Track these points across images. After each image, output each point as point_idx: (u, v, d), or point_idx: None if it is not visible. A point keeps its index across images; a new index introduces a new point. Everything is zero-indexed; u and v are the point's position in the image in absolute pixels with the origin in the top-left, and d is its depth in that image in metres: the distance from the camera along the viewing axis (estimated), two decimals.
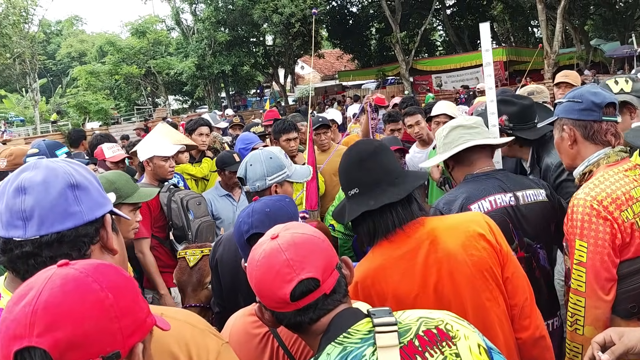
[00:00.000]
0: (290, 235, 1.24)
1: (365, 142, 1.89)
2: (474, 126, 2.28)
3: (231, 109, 26.98)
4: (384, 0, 28.25)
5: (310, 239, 1.24)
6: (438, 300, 1.67)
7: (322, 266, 1.20)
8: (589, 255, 1.88)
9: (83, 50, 40.24)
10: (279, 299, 1.19)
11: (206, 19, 28.06)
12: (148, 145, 3.71)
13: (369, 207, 1.70)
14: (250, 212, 1.68)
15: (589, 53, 27.56)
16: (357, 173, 1.78)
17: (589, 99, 2.09)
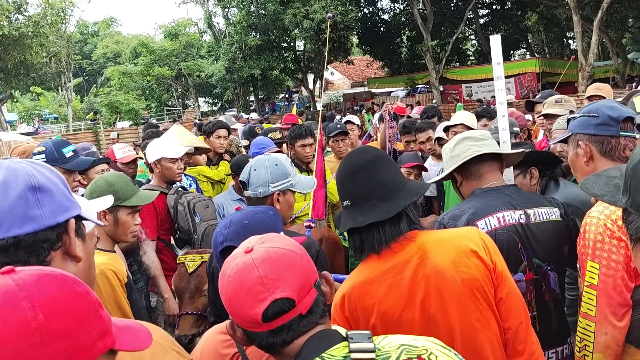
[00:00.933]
0: (266, 249, 1.15)
1: (361, 152, 1.79)
2: (482, 138, 2.17)
3: (259, 113, 27.20)
4: (415, 8, 28.07)
5: (287, 253, 1.15)
6: (425, 318, 1.58)
7: (299, 284, 1.12)
8: (600, 278, 1.75)
9: (118, 51, 41.02)
10: (250, 318, 1.11)
11: (238, 23, 28.31)
12: (156, 147, 3.67)
13: (355, 224, 1.64)
14: (228, 223, 1.61)
15: (626, 66, 26.87)
16: (349, 185, 1.72)
17: (606, 113, 1.98)
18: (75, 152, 3.29)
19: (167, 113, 33.28)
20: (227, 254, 1.55)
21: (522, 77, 26.46)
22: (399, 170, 1.79)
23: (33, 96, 35.16)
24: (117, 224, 2.53)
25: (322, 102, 5.01)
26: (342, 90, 41.25)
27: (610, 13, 25.16)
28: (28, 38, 22.27)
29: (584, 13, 24.61)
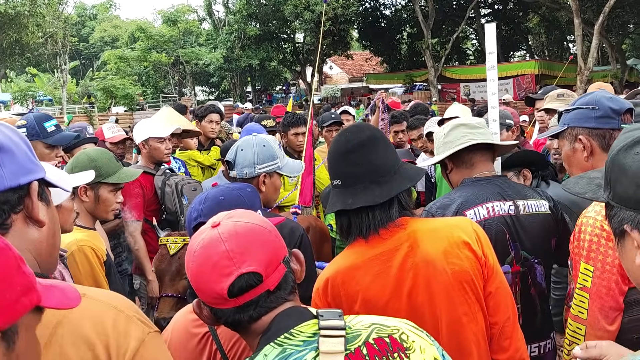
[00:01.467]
0: (233, 224, 1.11)
1: (357, 129, 1.69)
2: (477, 126, 2.11)
3: (256, 103, 27.05)
4: (417, 5, 27.97)
5: (255, 228, 1.11)
6: (411, 309, 1.52)
7: (267, 259, 1.09)
8: (594, 281, 1.68)
9: (116, 35, 40.72)
10: (216, 294, 1.07)
11: (238, 12, 28.14)
12: (144, 127, 3.62)
13: (344, 206, 1.57)
14: (203, 199, 1.55)
15: (625, 72, 26.89)
16: (341, 164, 1.64)
17: (606, 104, 1.89)
18: (57, 127, 3.20)
19: (163, 100, 33.05)
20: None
21: (520, 78, 26.46)
22: (395, 152, 1.71)
23: (28, 77, 34.88)
24: (98, 201, 2.48)
25: (314, 93, 4.91)
26: (340, 85, 41.14)
27: (611, 18, 25.16)
28: (24, 17, 22.06)
29: (585, 16, 24.59)
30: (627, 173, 1.03)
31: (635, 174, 1.01)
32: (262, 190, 2.31)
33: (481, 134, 2.11)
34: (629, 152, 1.04)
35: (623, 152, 1.05)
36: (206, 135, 4.98)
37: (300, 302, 1.19)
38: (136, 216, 3.52)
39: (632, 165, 1.02)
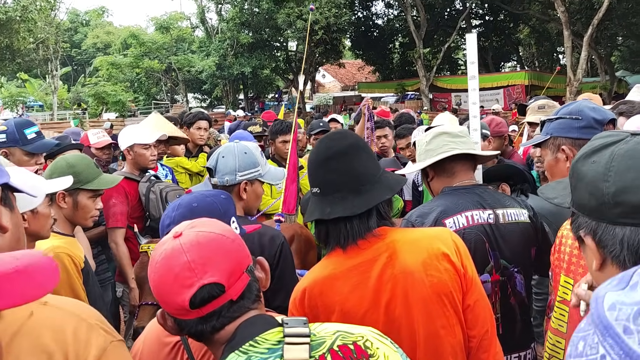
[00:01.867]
0: (195, 234, 1.10)
1: (339, 136, 1.65)
2: (460, 135, 2.10)
3: (248, 111, 27.03)
4: (409, 15, 28.17)
5: (217, 238, 1.11)
6: (389, 321, 1.49)
7: (229, 269, 1.08)
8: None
9: (109, 41, 40.60)
10: (178, 305, 1.06)
11: (230, 20, 28.18)
12: (129, 133, 3.58)
13: (322, 216, 1.54)
14: (176, 206, 1.53)
15: (614, 84, 27.16)
16: (321, 172, 1.60)
17: (590, 115, 1.87)
18: (38, 134, 3.16)
19: (155, 107, 32.98)
20: None
21: (511, 88, 26.68)
22: (376, 161, 1.68)
23: (19, 83, 34.69)
24: (77, 208, 2.44)
25: (306, 102, 4.90)
26: (333, 93, 41.24)
27: (600, 30, 25.46)
28: (16, 23, 21.96)
29: (574, 28, 24.86)
30: (583, 180, 1.04)
31: (589, 182, 1.02)
32: (243, 197, 2.29)
33: (463, 142, 2.09)
34: (587, 160, 1.05)
35: (582, 160, 1.06)
36: (194, 142, 4.95)
37: (265, 309, 1.18)
38: (120, 223, 3.49)
39: (587, 173, 1.03)
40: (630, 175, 0.96)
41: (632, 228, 0.96)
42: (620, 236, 0.97)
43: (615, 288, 0.64)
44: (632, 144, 1.00)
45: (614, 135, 1.05)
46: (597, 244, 1.02)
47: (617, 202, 0.97)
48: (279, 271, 2.12)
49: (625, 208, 0.96)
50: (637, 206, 0.95)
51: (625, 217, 0.96)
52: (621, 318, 0.59)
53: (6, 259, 0.83)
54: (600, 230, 1.01)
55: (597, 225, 1.02)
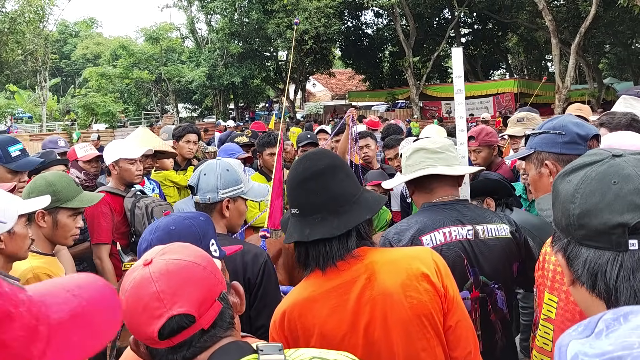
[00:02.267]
0: (165, 262, 1.08)
1: (316, 157, 1.63)
2: (438, 151, 2.07)
3: (238, 121, 26.99)
4: (399, 24, 28.31)
5: (187, 266, 1.08)
6: (368, 344, 1.46)
7: (199, 299, 1.07)
8: (558, 312, 1.62)
9: (98, 52, 40.49)
10: (147, 336, 1.04)
11: (220, 30, 28.19)
12: (114, 148, 3.55)
13: (301, 238, 1.52)
14: (154, 229, 1.49)
15: (601, 91, 27.41)
16: (299, 193, 1.58)
17: (573, 130, 1.85)
18: (22, 152, 3.12)
19: (146, 117, 32.89)
20: None
21: (500, 96, 26.82)
22: (355, 181, 1.66)
23: (7, 94, 34.47)
24: (57, 226, 2.40)
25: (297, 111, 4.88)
26: (323, 102, 41.33)
27: (587, 38, 25.71)
28: (4, 35, 21.86)
29: (562, 37, 25.10)
30: (558, 198, 1.05)
31: (562, 200, 1.03)
32: (226, 215, 2.26)
33: (441, 159, 2.07)
34: (564, 179, 1.05)
35: (561, 178, 1.07)
36: (183, 156, 4.93)
37: (241, 334, 1.17)
38: (105, 239, 3.45)
39: (562, 191, 1.04)
40: (595, 199, 0.97)
41: (595, 250, 0.97)
42: (584, 257, 0.99)
43: (580, 335, 0.63)
44: (605, 167, 1.00)
45: (597, 154, 1.05)
46: (567, 262, 1.03)
47: (581, 224, 0.99)
48: (262, 290, 2.09)
49: (588, 231, 0.97)
50: (599, 230, 0.96)
51: (589, 240, 0.98)
52: None
53: (60, 294, 0.65)
54: (570, 249, 1.03)
55: (567, 243, 1.04)
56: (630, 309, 0.63)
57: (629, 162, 0.99)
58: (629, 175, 0.96)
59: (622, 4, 18.51)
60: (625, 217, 0.93)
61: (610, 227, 0.94)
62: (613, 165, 0.99)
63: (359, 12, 33.35)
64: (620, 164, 0.99)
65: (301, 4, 25.30)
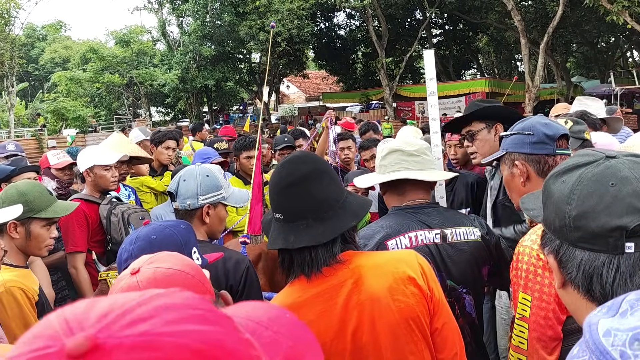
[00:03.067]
0: (152, 272, 1.05)
1: (299, 161, 1.59)
2: (414, 154, 2.07)
3: (212, 124, 26.78)
4: (371, 25, 28.46)
5: (175, 274, 1.06)
6: (356, 349, 1.45)
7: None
8: (532, 311, 1.65)
9: (67, 56, 39.68)
10: None
11: (192, 33, 27.93)
12: (89, 154, 3.47)
13: (286, 245, 1.49)
14: (134, 239, 1.46)
15: (570, 89, 28.00)
16: (282, 198, 1.55)
17: (541, 130, 1.91)
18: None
19: (117, 122, 32.33)
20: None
21: (472, 96, 27.13)
22: (340, 185, 1.63)
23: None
24: (30, 237, 2.32)
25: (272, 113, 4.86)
26: (298, 104, 41.31)
27: (555, 37, 26.23)
28: None
29: (531, 36, 25.56)
30: (551, 199, 1.04)
31: (556, 201, 1.02)
32: (206, 221, 2.23)
33: (417, 162, 2.07)
34: (557, 179, 1.05)
35: (553, 178, 1.06)
36: (160, 162, 4.86)
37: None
38: (80, 247, 3.37)
39: (555, 192, 1.03)
40: (592, 201, 0.96)
41: (590, 253, 0.96)
42: (578, 259, 0.97)
43: (606, 315, 0.65)
44: (601, 168, 0.99)
45: (590, 155, 1.05)
46: (559, 264, 1.02)
47: (577, 226, 0.97)
48: (246, 297, 2.06)
49: (584, 233, 0.96)
50: (595, 232, 0.95)
51: (584, 242, 0.96)
52: (617, 344, 0.61)
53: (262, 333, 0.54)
54: (562, 251, 1.01)
55: (559, 245, 1.02)
56: None
57: (625, 164, 0.98)
58: (627, 177, 0.96)
59: (588, 4, 18.93)
60: (624, 220, 0.92)
61: (608, 230, 0.93)
62: (609, 167, 0.98)
63: (331, 14, 33.42)
64: (616, 166, 0.98)
65: (274, 6, 25.25)
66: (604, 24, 22.50)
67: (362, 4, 24.72)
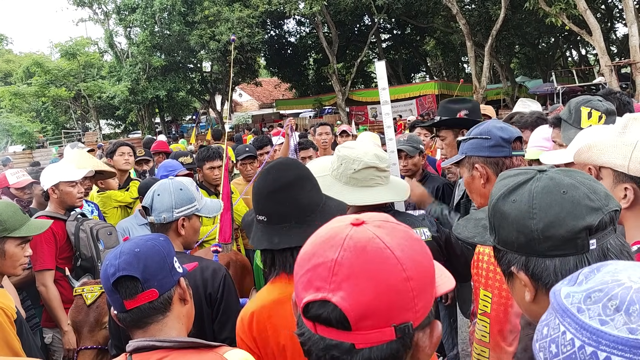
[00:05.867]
0: (369, 237, 0.84)
1: (285, 167, 1.70)
2: (385, 169, 2.16)
3: (166, 135, 26.39)
4: (321, 32, 28.74)
5: (386, 258, 0.82)
6: None
7: (372, 305, 0.80)
8: (493, 307, 1.80)
9: (9, 70, 38.33)
10: (299, 300, 0.90)
11: (141, 43, 27.48)
12: (53, 171, 3.46)
13: (271, 246, 1.61)
14: (118, 254, 1.52)
15: (515, 89, 29.01)
16: (267, 202, 1.67)
17: (497, 134, 2.02)
18: None
19: (66, 136, 31.41)
20: (120, 285, 1.48)
21: (422, 98, 27.81)
22: (319, 190, 1.75)
23: None
24: (4, 257, 2.33)
25: (225, 121, 4.91)
26: (251, 112, 41.17)
27: (499, 40, 27.17)
28: None
29: (476, 39, 26.41)
30: (508, 220, 1.11)
31: (514, 221, 1.09)
32: (182, 233, 2.30)
33: (386, 177, 2.16)
34: (506, 200, 1.12)
35: (502, 200, 1.13)
36: (120, 169, 4.84)
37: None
38: (49, 264, 3.33)
39: (510, 212, 1.10)
40: (554, 210, 1.05)
41: (560, 259, 1.04)
42: (552, 268, 1.05)
43: (567, 285, 0.79)
44: (545, 181, 1.09)
45: (522, 173, 1.15)
46: (531, 277, 1.08)
47: (547, 237, 1.04)
48: (225, 304, 2.14)
49: (555, 241, 1.04)
50: (565, 237, 1.03)
51: (555, 250, 1.04)
52: (574, 302, 0.74)
53: None
54: (532, 264, 1.07)
55: (527, 259, 1.07)
56: (601, 263, 0.79)
57: (560, 174, 1.10)
58: (572, 184, 1.07)
59: (529, 7, 19.78)
60: (587, 219, 1.02)
61: (576, 232, 1.02)
62: (551, 179, 1.09)
63: (281, 21, 33.55)
64: (554, 177, 1.09)
65: (223, 15, 25.17)
66: (544, 25, 23.48)
67: (311, 11, 24.96)
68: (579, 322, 0.71)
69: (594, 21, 18.50)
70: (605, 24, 30.77)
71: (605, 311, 0.70)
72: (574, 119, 2.72)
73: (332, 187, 2.20)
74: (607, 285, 0.72)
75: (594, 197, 1.05)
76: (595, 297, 0.72)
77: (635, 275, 0.73)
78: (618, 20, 32.68)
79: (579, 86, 24.55)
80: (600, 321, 0.69)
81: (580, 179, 1.09)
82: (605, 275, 0.75)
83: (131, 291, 1.49)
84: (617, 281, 0.72)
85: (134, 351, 1.45)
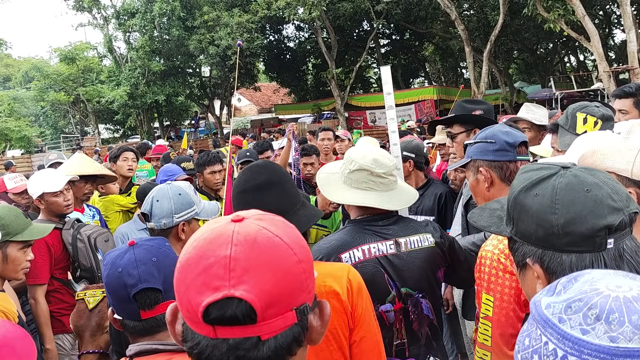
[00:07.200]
0: (257, 229, 0.84)
1: (257, 170, 1.75)
2: (382, 176, 2.10)
3: (163, 139, 26.38)
4: (320, 37, 28.79)
5: (280, 245, 0.84)
6: None
7: (274, 293, 0.80)
8: (494, 310, 1.80)
9: (8, 74, 38.42)
10: (191, 307, 0.81)
11: (140, 48, 27.52)
12: (36, 182, 3.40)
13: None
14: (135, 263, 1.47)
15: (513, 95, 29.06)
16: (236, 202, 1.73)
17: (502, 138, 2.05)
18: None
19: (65, 140, 31.44)
20: (141, 297, 1.45)
21: (421, 103, 27.84)
22: (295, 196, 1.76)
23: None
24: (7, 261, 2.34)
25: (224, 126, 4.93)
26: (250, 117, 41.20)
27: (497, 45, 27.22)
28: None
29: (474, 45, 26.47)
30: (528, 213, 1.14)
31: (535, 214, 1.12)
32: (182, 238, 2.30)
33: (382, 184, 2.11)
34: (528, 193, 1.15)
35: (524, 193, 1.16)
36: (123, 175, 4.84)
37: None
38: (40, 279, 3.25)
39: (532, 205, 1.13)
40: (577, 207, 1.07)
41: (577, 255, 1.06)
42: (567, 263, 1.07)
43: (546, 295, 0.80)
44: (569, 177, 1.11)
45: (546, 168, 1.17)
46: (545, 271, 1.10)
47: (567, 232, 1.07)
48: None
49: (574, 237, 1.06)
50: (585, 235, 1.06)
51: (572, 246, 1.07)
52: (555, 312, 0.75)
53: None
54: (548, 258, 1.10)
55: (543, 253, 1.11)
56: (578, 273, 0.81)
57: (584, 172, 1.12)
58: (595, 182, 1.09)
59: (527, 13, 19.83)
60: (609, 219, 1.05)
61: (596, 231, 1.05)
62: (575, 176, 1.11)
63: (280, 26, 33.59)
64: (578, 174, 1.11)
65: (222, 20, 25.22)
66: (542, 31, 23.53)
67: (310, 17, 25.03)
68: (560, 332, 0.72)
69: (592, 27, 18.55)
70: (604, 30, 30.89)
71: (586, 320, 0.71)
72: (570, 124, 2.75)
73: (334, 182, 2.24)
74: (587, 295, 0.74)
75: (617, 197, 1.07)
76: (575, 306, 0.73)
77: (612, 283, 0.74)
78: (616, 26, 32.81)
79: (577, 92, 24.64)
80: (582, 330, 0.70)
81: (604, 178, 1.11)
82: (583, 285, 0.76)
83: (151, 302, 1.47)
84: (596, 290, 0.74)
85: (135, 355, 1.45)
